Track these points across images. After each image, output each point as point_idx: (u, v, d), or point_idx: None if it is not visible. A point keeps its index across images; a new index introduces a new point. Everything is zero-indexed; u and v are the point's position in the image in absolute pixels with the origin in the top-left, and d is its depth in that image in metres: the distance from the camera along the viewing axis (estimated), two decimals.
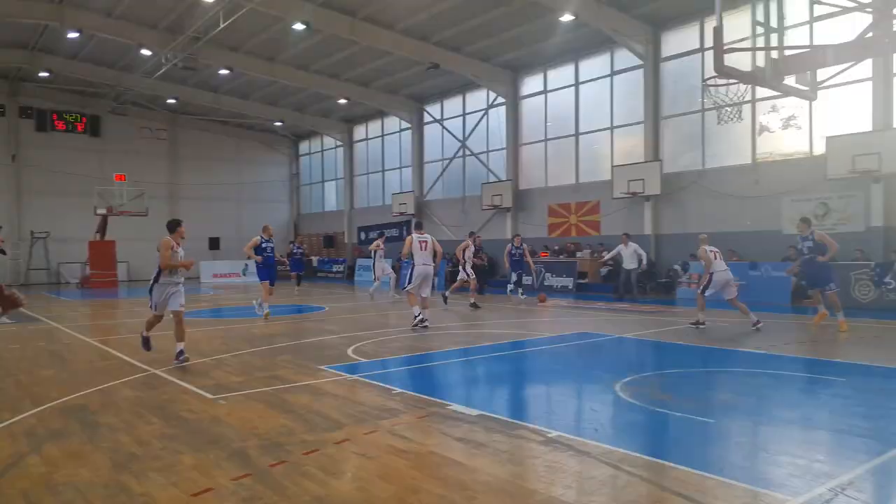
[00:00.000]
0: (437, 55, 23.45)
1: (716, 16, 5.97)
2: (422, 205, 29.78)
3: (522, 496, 4.08)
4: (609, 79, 21.66)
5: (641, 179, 19.42)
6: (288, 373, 8.09)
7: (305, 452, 4.95)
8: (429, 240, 12.51)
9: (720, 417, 5.85)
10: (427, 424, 5.70)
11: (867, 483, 4.19)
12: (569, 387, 7.62)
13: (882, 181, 14.93)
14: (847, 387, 6.99)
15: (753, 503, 3.87)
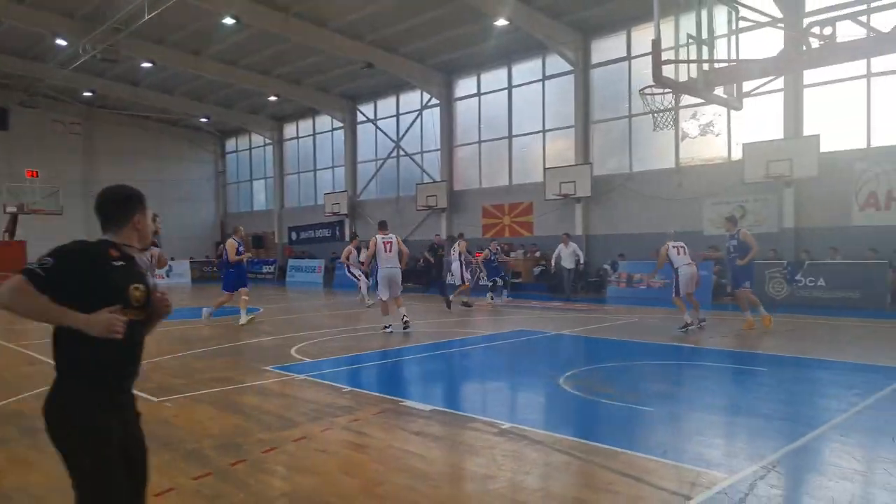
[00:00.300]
0: (372, 55, 23.39)
1: (654, 29, 6.31)
2: (355, 205, 29.62)
3: (483, 483, 4.24)
4: (541, 83, 22.25)
5: (573, 182, 20.06)
6: (232, 374, 7.97)
7: (264, 451, 4.95)
8: (393, 240, 11.66)
9: (658, 406, 6.21)
10: (383, 420, 5.78)
11: (793, 461, 4.58)
12: (515, 381, 7.86)
13: (793, 185, 16.06)
14: (768, 376, 7.55)
15: (696, 482, 4.17)
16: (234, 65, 26.27)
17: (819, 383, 7.08)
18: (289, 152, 34.53)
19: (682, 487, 4.09)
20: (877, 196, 14.96)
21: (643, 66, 19.49)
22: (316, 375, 7.83)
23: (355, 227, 29.86)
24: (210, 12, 20.43)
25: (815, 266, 14.58)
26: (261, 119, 34.12)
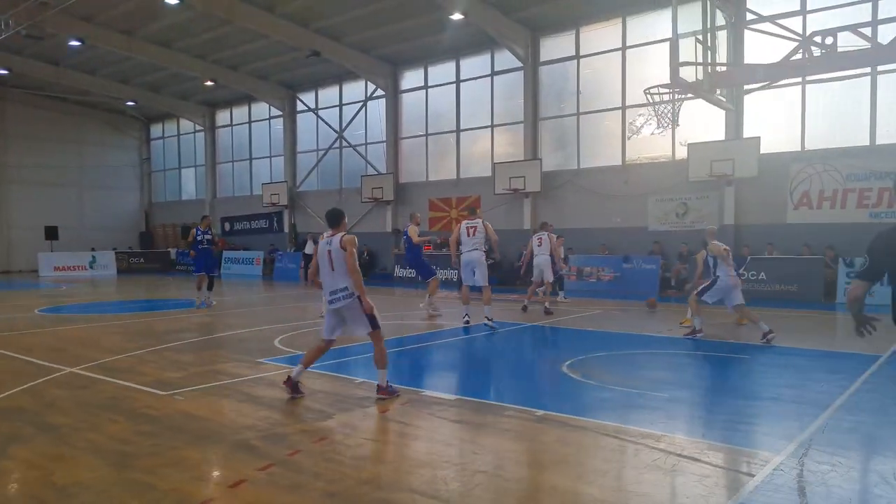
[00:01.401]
0: (317, 42, 22.90)
1: (672, 34, 6.59)
2: (295, 196, 28.96)
3: (555, 468, 4.35)
4: (490, 78, 22.50)
5: (522, 177, 20.45)
6: (227, 367, 7.72)
7: (315, 441, 4.87)
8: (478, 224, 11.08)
9: (669, 392, 6.51)
10: (415, 410, 5.79)
11: (824, 437, 4.95)
12: (520, 370, 8.04)
13: (734, 184, 17.05)
14: (754, 363, 8.06)
15: (749, 461, 4.45)
16: (169, 47, 25.07)
17: (804, 369, 7.62)
18: (222, 140, 33.27)
19: (741, 466, 4.37)
20: (809, 196, 16.13)
21: (590, 64, 20.18)
22: (317, 367, 7.67)
23: (294, 218, 29.25)
24: None
25: (757, 261, 15.57)
26: (191, 105, 32.69)
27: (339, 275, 5.95)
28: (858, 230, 15.36)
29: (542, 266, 13.18)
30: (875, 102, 15.38)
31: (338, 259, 5.93)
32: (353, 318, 6.05)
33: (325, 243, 6.06)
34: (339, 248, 5.93)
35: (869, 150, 15.47)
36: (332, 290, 6.02)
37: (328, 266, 5.99)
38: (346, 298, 5.97)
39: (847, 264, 14.59)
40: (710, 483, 4.05)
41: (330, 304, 6.08)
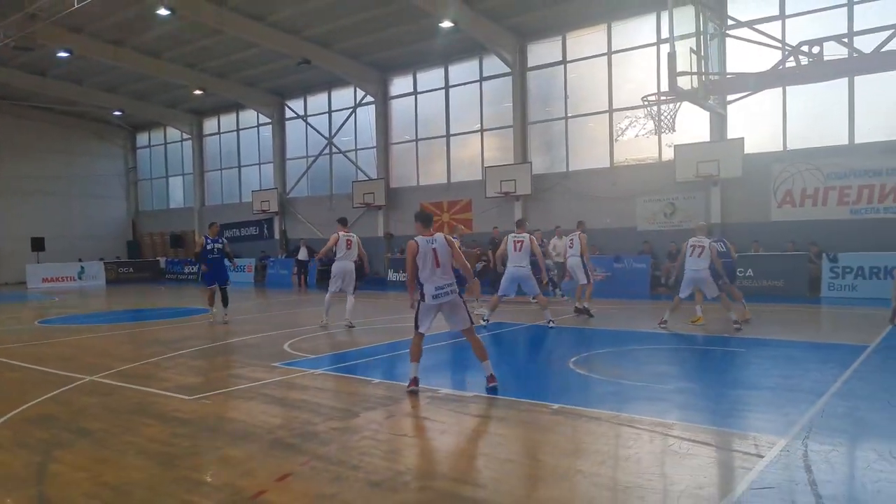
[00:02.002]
0: (308, 50, 23.11)
1: (670, 44, 6.95)
2: (285, 202, 29.10)
3: (579, 455, 4.66)
4: (478, 84, 22.86)
5: (513, 180, 20.81)
6: (245, 371, 7.94)
7: (347, 437, 5.13)
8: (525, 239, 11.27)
9: (671, 384, 6.87)
10: (436, 407, 6.07)
11: (822, 422, 5.30)
12: (529, 367, 8.35)
13: (719, 184, 17.54)
14: (749, 356, 8.43)
15: (757, 443, 4.78)
16: (158, 57, 25.15)
17: (797, 360, 8.00)
18: (209, 148, 33.31)
19: (749, 448, 4.69)
20: (792, 194, 16.66)
21: (577, 69, 20.60)
22: (332, 369, 7.97)
23: (285, 224, 29.38)
24: (142, 2, 19.54)
25: (744, 258, 16.00)
26: (179, 113, 32.71)
27: (446, 271, 6.43)
28: (840, 227, 15.95)
29: (574, 267, 12.93)
30: (853, 103, 15.95)
31: (444, 256, 6.39)
32: (454, 311, 6.52)
33: (427, 242, 6.43)
34: (445, 245, 6.43)
35: (848, 149, 16.03)
36: (439, 285, 6.41)
37: (433, 263, 6.37)
38: (452, 294, 6.45)
39: (830, 259, 15.11)
40: (725, 464, 4.39)
41: (434, 298, 6.43)
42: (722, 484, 4.10)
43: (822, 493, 3.82)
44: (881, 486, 3.93)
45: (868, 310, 12.57)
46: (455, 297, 6.49)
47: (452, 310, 6.51)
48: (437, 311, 6.56)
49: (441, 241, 6.44)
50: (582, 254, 12.65)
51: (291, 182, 29.28)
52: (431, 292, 6.43)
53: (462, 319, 6.53)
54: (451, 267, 6.46)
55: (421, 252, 6.40)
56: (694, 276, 10.46)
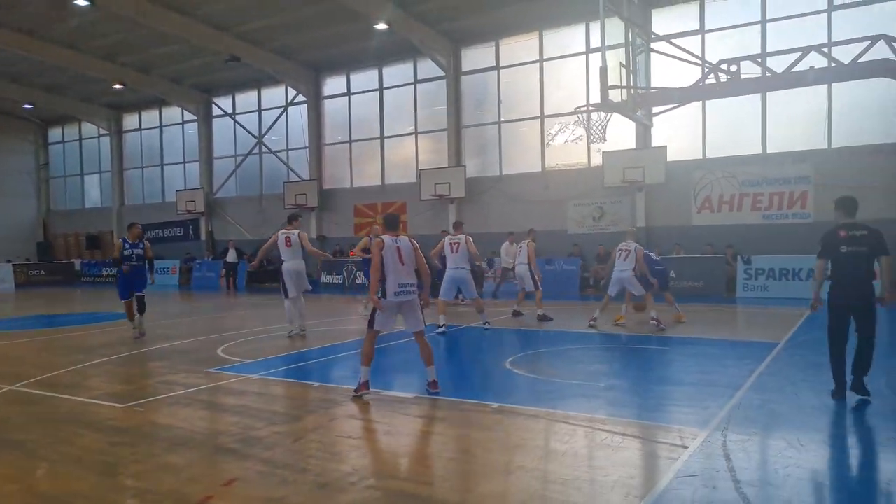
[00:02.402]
0: (237, 47, 22.61)
1: (601, 58, 7.28)
2: (212, 203, 28.32)
3: (520, 451, 4.86)
4: (413, 86, 22.99)
5: (447, 183, 21.06)
6: (177, 378, 7.75)
7: (292, 441, 5.15)
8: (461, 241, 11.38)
9: (605, 381, 7.21)
10: (378, 409, 6.15)
11: (740, 413, 5.71)
12: (468, 368, 8.52)
13: (644, 189, 18.37)
14: (672, 353, 8.93)
15: (681, 435, 5.12)
16: (75, 48, 23.96)
17: (715, 357, 8.54)
18: (130, 145, 32.00)
19: (675, 440, 5.02)
20: (711, 200, 17.65)
21: (510, 75, 21.07)
22: (270, 374, 7.90)
23: (211, 225, 28.57)
24: None
25: (666, 260, 16.73)
26: (95, 107, 31.26)
27: (409, 271, 6.56)
28: (753, 231, 17.02)
29: (522, 275, 12.91)
30: (765, 115, 17.08)
31: (408, 255, 6.53)
32: (412, 311, 6.62)
33: (392, 240, 6.54)
34: (409, 245, 6.59)
35: (761, 159, 17.14)
36: (402, 282, 6.49)
37: (397, 261, 6.47)
38: (412, 293, 6.56)
39: (744, 262, 16.09)
40: (653, 455, 4.69)
41: (396, 295, 6.47)
42: (651, 473, 4.39)
43: (740, 479, 4.15)
44: (791, 472, 4.31)
45: (778, 309, 13.48)
46: (415, 298, 6.61)
47: (411, 310, 6.62)
48: (397, 311, 6.62)
49: (406, 242, 6.59)
50: (529, 261, 12.72)
51: (219, 182, 28.53)
52: (394, 288, 6.48)
53: (417, 321, 6.65)
54: (414, 270, 6.57)
55: (386, 248, 6.48)
56: (620, 277, 11.14)
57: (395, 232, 6.63)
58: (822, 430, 5.41)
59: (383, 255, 6.44)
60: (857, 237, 6.04)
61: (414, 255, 6.58)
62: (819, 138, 16.62)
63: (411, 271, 6.60)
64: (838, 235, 6.09)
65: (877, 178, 15.53)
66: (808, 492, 4.05)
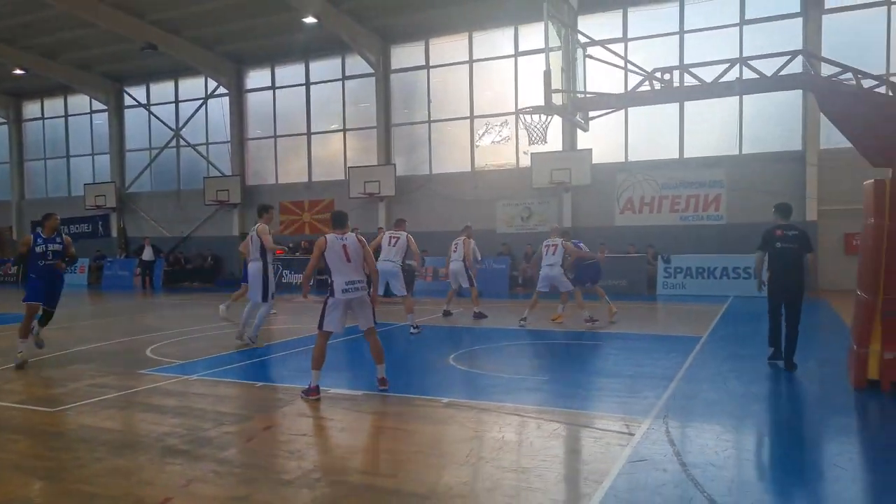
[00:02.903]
0: (153, 35, 21.64)
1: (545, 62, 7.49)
2: (124, 198, 26.95)
3: (474, 443, 4.96)
4: (341, 82, 22.73)
5: (377, 181, 20.96)
6: (108, 380, 7.39)
7: (246, 441, 5.04)
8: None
9: (549, 375, 7.45)
10: (329, 406, 6.11)
11: (676, 402, 6.06)
12: (411, 364, 8.52)
13: (570, 191, 18.97)
14: (608, 348, 9.30)
15: (627, 423, 5.39)
16: None
17: (646, 350, 8.97)
18: (31, 135, 29.94)
19: (622, 428, 5.28)
20: (633, 202, 18.46)
21: (440, 74, 21.22)
22: (209, 374, 7.67)
23: (124, 221, 27.17)
24: None
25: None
26: None
27: (357, 268, 6.48)
28: (672, 231, 17.94)
29: (457, 272, 12.72)
30: (683, 122, 18.04)
31: (355, 253, 6.44)
32: (362, 309, 6.54)
33: (337, 238, 6.44)
34: (356, 243, 6.49)
35: (679, 163, 18.09)
36: (349, 280, 6.41)
37: (343, 259, 6.39)
38: (361, 290, 6.47)
39: (664, 261, 16.93)
40: (603, 443, 4.91)
41: (343, 293, 6.38)
42: (604, 460, 4.58)
43: (685, 462, 4.43)
44: (730, 453, 4.64)
45: (696, 305, 14.29)
46: (364, 295, 6.52)
47: (361, 307, 6.55)
48: (347, 309, 6.52)
49: (352, 240, 6.47)
50: (465, 259, 12.57)
51: (132, 176, 27.18)
52: (341, 286, 6.38)
53: (368, 318, 6.57)
54: (363, 267, 6.51)
55: (329, 247, 6.38)
56: (549, 273, 11.15)
57: (341, 230, 6.55)
58: (752, 414, 5.82)
59: (326, 254, 6.39)
60: (790, 236, 7.36)
61: (362, 252, 6.54)
62: (731, 145, 17.73)
63: (359, 268, 6.54)
64: (775, 234, 7.40)
65: (780, 183, 16.73)
66: (749, 470, 4.38)
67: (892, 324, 6.34)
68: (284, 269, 21.09)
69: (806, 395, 6.72)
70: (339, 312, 6.43)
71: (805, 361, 7.68)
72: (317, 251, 6.44)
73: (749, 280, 15.75)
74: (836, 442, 5.10)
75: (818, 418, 5.86)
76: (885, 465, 4.57)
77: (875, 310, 6.43)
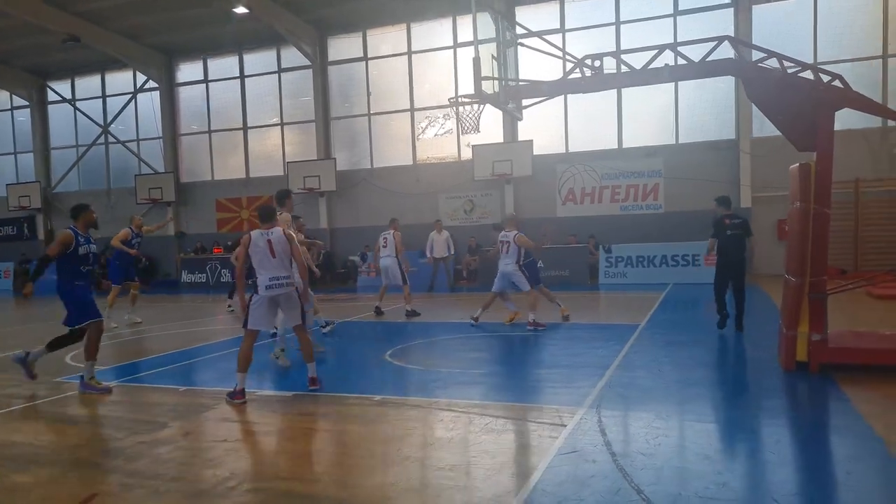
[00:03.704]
0: (76, 26, 20.59)
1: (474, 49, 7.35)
2: (51, 198, 25.67)
3: (402, 443, 4.79)
4: (277, 75, 22.14)
5: (317, 176, 20.53)
6: (18, 390, 6.91)
7: (159, 449, 4.73)
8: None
9: (486, 368, 7.35)
10: (256, 409, 5.83)
11: (609, 391, 6.02)
12: (347, 361, 8.29)
13: (512, 182, 18.97)
14: (545, 338, 9.24)
15: (559, 414, 5.30)
16: None
17: (585, 339, 8.97)
18: None
19: (554, 419, 5.19)
20: (574, 192, 18.59)
21: (379, 66, 20.90)
22: (129, 380, 7.27)
23: (51, 223, 25.89)
24: None
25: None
26: None
27: (283, 264, 6.24)
28: (613, 221, 18.15)
29: (389, 268, 12.00)
30: (621, 112, 18.26)
31: (280, 248, 6.19)
32: (289, 305, 6.32)
33: (262, 234, 6.22)
34: (281, 237, 6.22)
35: (618, 153, 18.30)
36: (273, 276, 6.17)
37: (268, 254, 6.17)
38: (287, 286, 6.22)
39: (605, 251, 17.10)
40: (535, 435, 4.81)
41: (267, 289, 6.14)
42: (535, 453, 4.49)
43: (615, 451, 4.36)
44: (660, 441, 4.59)
45: (637, 294, 14.46)
46: (291, 291, 6.27)
47: (288, 304, 6.31)
48: (273, 306, 6.29)
49: (278, 234, 6.21)
50: (397, 253, 11.95)
51: (58, 175, 25.91)
52: (265, 282, 6.15)
53: (296, 316, 6.34)
54: (290, 262, 6.27)
55: (253, 243, 6.17)
56: (504, 272, 10.31)
57: (268, 224, 6.28)
58: (685, 401, 5.81)
59: (250, 250, 6.17)
60: (736, 224, 8.72)
61: (289, 248, 6.27)
62: (668, 134, 18.03)
63: (286, 264, 6.28)
64: (724, 223, 8.72)
65: (716, 171, 17.11)
66: (678, 457, 4.33)
67: (819, 306, 6.46)
68: (223, 269, 20.43)
69: (737, 379, 6.79)
70: (263, 310, 6.19)
71: (737, 345, 7.81)
72: (241, 249, 6.24)
73: (687, 267, 16.17)
74: (764, 425, 5.14)
75: (747, 402, 5.91)
76: (814, 445, 4.61)
77: (802, 292, 6.54)
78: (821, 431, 4.98)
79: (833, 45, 16.32)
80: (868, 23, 16.48)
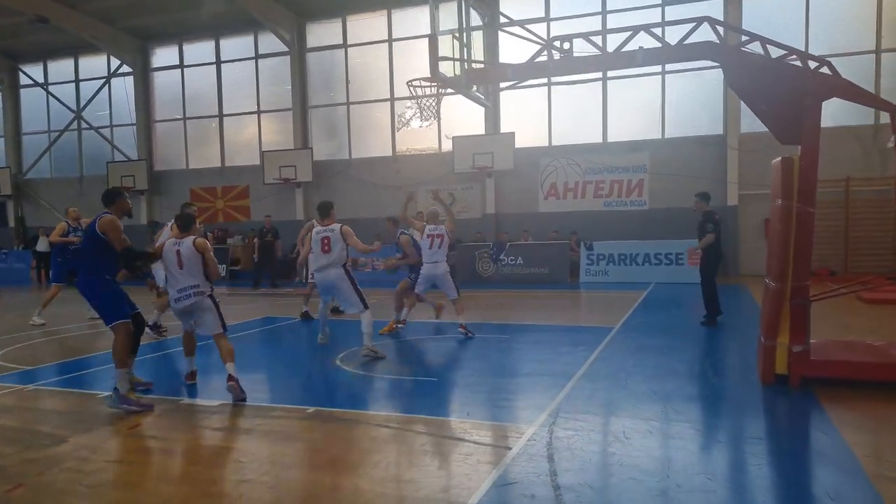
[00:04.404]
0: (44, 7, 19.80)
1: (430, 26, 6.77)
2: (21, 184, 24.87)
3: (318, 465, 4.19)
4: (254, 61, 21.41)
5: (293, 166, 19.85)
6: None
7: (43, 471, 4.12)
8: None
9: (440, 376, 6.77)
10: (170, 421, 5.23)
11: (568, 404, 5.44)
12: (291, 366, 7.68)
13: (493, 176, 18.34)
14: (512, 342, 8.64)
15: (507, 434, 4.73)
16: None
17: (553, 343, 8.37)
18: None
19: (499, 440, 4.61)
20: (557, 187, 17.98)
21: (359, 54, 20.22)
22: (51, 383, 6.64)
23: (22, 210, 25.12)
24: None
25: (515, 247, 16.90)
26: None
27: (192, 273, 5.88)
28: (596, 217, 17.57)
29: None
30: (606, 105, 17.64)
31: (189, 258, 5.84)
32: (201, 315, 6.00)
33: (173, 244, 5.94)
34: (191, 248, 5.85)
35: (602, 147, 17.69)
36: (180, 288, 5.90)
37: (176, 265, 5.86)
38: (195, 296, 5.91)
39: (587, 248, 16.51)
40: (472, 461, 4.21)
41: (176, 302, 5.95)
42: (467, 483, 3.88)
43: (560, 484, 3.78)
44: (614, 470, 4.02)
45: (617, 293, 13.87)
46: (200, 300, 5.92)
47: (201, 314, 5.98)
48: (186, 317, 6.11)
49: (187, 245, 5.89)
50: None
51: (29, 160, 25.11)
52: (174, 296, 5.98)
53: (210, 325, 5.97)
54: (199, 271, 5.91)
55: (164, 253, 5.93)
56: (433, 273, 8.99)
57: (185, 233, 5.98)
58: (649, 418, 5.19)
59: (162, 261, 5.94)
60: (717, 219, 9.30)
61: (199, 259, 5.88)
62: (654, 128, 17.44)
63: (194, 273, 5.90)
64: (714, 217, 9.27)
65: (703, 167, 16.55)
66: (630, 494, 3.74)
67: (801, 313, 5.88)
68: None
69: (710, 393, 6.19)
70: (183, 319, 6.05)
71: (714, 353, 7.25)
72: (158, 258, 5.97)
73: (670, 266, 15.62)
74: (734, 453, 4.56)
75: (717, 423, 5.30)
76: (787, 477, 4.04)
77: (783, 298, 5.96)
78: (797, 460, 4.39)
79: (825, 39, 15.73)
80: (861, 16, 15.92)
